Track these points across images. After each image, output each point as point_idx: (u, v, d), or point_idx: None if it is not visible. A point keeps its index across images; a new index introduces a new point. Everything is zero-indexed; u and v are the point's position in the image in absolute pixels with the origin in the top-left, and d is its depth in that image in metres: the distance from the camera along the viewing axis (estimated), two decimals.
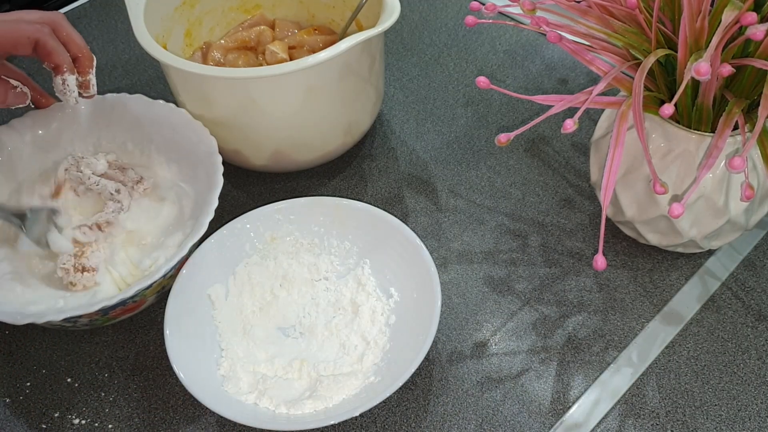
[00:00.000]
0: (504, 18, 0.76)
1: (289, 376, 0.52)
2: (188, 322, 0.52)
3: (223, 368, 0.52)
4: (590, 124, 0.68)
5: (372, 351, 0.52)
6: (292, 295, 0.56)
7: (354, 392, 0.50)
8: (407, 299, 0.54)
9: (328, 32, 0.70)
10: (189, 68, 0.55)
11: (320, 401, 0.49)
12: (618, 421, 0.50)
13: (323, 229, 0.58)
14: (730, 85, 0.47)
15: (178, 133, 0.60)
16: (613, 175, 0.43)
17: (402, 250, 0.55)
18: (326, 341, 0.54)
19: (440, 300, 0.50)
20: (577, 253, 0.60)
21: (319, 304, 0.56)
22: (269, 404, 0.49)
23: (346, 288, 0.56)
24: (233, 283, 0.56)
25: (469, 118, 0.72)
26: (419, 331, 0.50)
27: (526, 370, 0.53)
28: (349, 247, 0.58)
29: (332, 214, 0.58)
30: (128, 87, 0.76)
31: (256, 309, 0.56)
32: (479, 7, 0.50)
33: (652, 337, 0.54)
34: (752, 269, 0.58)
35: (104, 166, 0.59)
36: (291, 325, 0.55)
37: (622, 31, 0.47)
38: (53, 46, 0.52)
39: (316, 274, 0.57)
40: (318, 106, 0.59)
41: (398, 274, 0.55)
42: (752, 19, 0.38)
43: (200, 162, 0.57)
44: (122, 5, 0.60)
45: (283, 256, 0.58)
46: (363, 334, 0.53)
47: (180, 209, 0.58)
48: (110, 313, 0.52)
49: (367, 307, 0.55)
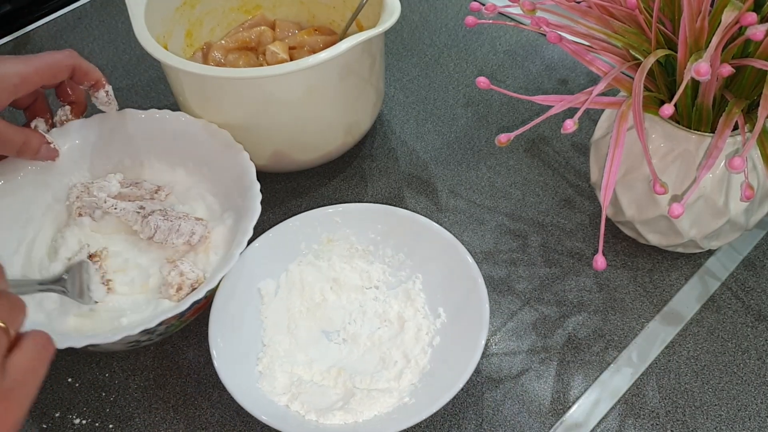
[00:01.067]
0: (504, 18, 0.76)
1: (324, 383, 0.51)
2: (235, 312, 0.52)
3: (262, 364, 0.51)
4: (590, 125, 0.68)
5: (411, 370, 0.51)
6: (340, 299, 0.56)
7: (386, 410, 0.49)
8: (453, 323, 0.52)
9: (328, 33, 0.70)
10: (190, 68, 0.55)
11: (351, 414, 0.48)
12: (618, 421, 0.50)
13: (380, 237, 0.57)
14: (730, 86, 0.47)
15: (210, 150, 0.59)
16: (613, 176, 0.43)
17: (458, 272, 0.53)
18: (367, 352, 0.53)
19: (486, 333, 0.49)
20: (577, 253, 0.60)
21: (365, 313, 0.55)
22: (300, 409, 0.49)
23: (395, 300, 0.55)
24: (285, 280, 0.56)
25: (469, 118, 0.72)
26: (460, 358, 0.49)
27: (526, 370, 0.53)
28: (403, 259, 0.57)
29: (391, 224, 0.56)
30: (129, 87, 0.76)
31: (304, 309, 0.55)
32: (479, 7, 0.50)
33: (652, 337, 0.54)
34: (752, 269, 0.58)
35: (117, 186, 0.57)
36: (335, 329, 0.55)
37: (622, 32, 0.47)
38: (87, 66, 0.56)
39: (367, 282, 0.57)
40: (318, 106, 0.59)
41: (449, 296, 0.54)
42: (752, 20, 0.38)
43: (234, 183, 0.57)
44: (123, 5, 0.60)
45: (337, 258, 0.57)
46: (405, 350, 0.52)
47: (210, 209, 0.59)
48: (185, 315, 0.51)
49: (413, 323, 0.54)
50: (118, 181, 0.58)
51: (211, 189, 0.59)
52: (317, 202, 0.65)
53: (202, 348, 0.55)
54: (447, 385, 0.47)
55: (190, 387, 0.53)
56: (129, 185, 0.58)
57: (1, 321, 0.35)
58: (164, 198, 0.58)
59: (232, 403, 0.52)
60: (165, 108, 0.60)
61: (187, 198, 0.59)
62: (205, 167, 0.60)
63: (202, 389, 0.53)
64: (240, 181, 0.56)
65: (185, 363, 0.55)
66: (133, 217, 0.55)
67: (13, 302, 0.37)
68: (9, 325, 0.36)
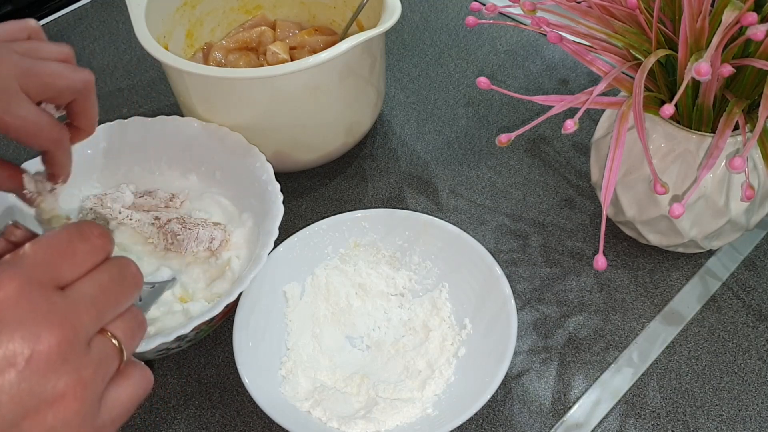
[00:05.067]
0: (504, 18, 0.76)
1: (347, 390, 0.51)
2: (259, 314, 0.52)
3: (285, 369, 0.51)
4: (591, 125, 0.68)
5: (435, 381, 0.50)
6: (366, 305, 0.56)
7: (409, 421, 0.48)
8: (480, 334, 0.52)
9: (329, 33, 0.70)
10: (190, 69, 0.55)
11: (373, 423, 0.48)
12: (619, 421, 0.50)
13: (407, 244, 0.57)
14: (730, 86, 0.47)
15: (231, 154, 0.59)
16: (613, 176, 0.43)
17: (487, 284, 0.52)
18: (391, 360, 0.53)
19: (514, 346, 0.48)
20: (577, 253, 0.60)
21: (390, 320, 0.55)
22: (322, 416, 0.48)
23: (420, 308, 0.55)
24: (310, 284, 0.56)
25: (469, 118, 0.72)
26: (486, 371, 0.48)
27: (526, 370, 0.53)
28: (429, 267, 0.56)
29: (420, 231, 0.56)
30: (129, 88, 0.76)
31: (329, 314, 0.55)
32: (480, 7, 0.50)
33: (652, 337, 0.54)
34: (753, 269, 0.58)
35: (131, 197, 0.57)
36: (359, 336, 0.54)
37: (622, 32, 0.47)
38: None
39: (393, 289, 0.56)
40: (319, 106, 0.59)
41: (476, 306, 0.53)
42: (753, 20, 0.38)
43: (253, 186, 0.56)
44: (123, 6, 0.60)
45: (363, 264, 0.57)
46: (429, 360, 0.52)
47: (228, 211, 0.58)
48: (215, 320, 0.51)
49: (438, 333, 0.53)
50: (131, 191, 0.58)
51: (225, 192, 0.59)
52: (318, 202, 0.65)
53: (202, 349, 0.55)
54: (471, 399, 0.47)
55: (191, 387, 0.54)
56: (143, 195, 0.58)
57: (119, 341, 0.30)
58: (179, 205, 0.58)
59: (232, 403, 0.52)
60: (165, 108, 0.60)
61: (202, 204, 0.59)
62: (218, 171, 0.59)
63: (203, 389, 0.53)
64: (257, 182, 0.56)
65: (185, 364, 0.55)
66: (149, 229, 0.55)
67: (140, 321, 0.31)
68: (126, 348, 0.30)
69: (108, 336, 0.29)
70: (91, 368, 0.28)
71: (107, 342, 0.29)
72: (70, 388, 0.27)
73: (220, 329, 0.55)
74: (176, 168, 0.61)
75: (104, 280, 0.29)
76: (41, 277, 0.28)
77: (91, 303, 0.28)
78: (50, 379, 0.26)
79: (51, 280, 0.28)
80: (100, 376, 0.28)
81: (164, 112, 0.61)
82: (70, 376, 0.27)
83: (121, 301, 0.30)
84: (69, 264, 0.29)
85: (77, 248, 0.29)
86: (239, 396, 0.52)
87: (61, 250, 0.29)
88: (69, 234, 0.29)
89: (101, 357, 0.29)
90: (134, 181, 0.60)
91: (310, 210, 0.64)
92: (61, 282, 0.28)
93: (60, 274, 0.28)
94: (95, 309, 0.29)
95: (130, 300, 0.31)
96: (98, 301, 0.29)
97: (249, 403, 0.50)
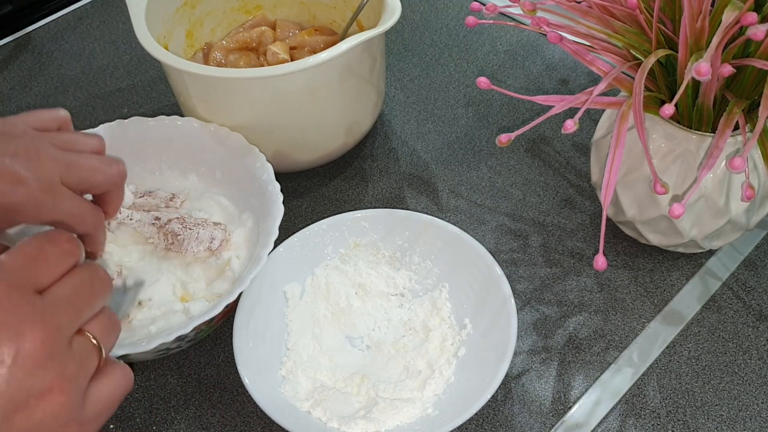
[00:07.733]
0: (504, 18, 0.76)
1: (347, 390, 0.51)
2: (259, 314, 0.52)
3: (285, 369, 0.51)
4: (591, 125, 0.68)
5: (435, 381, 0.50)
6: (366, 305, 0.55)
7: (409, 421, 0.48)
8: (480, 335, 0.52)
9: (329, 33, 0.70)
10: (190, 69, 0.55)
11: (373, 423, 0.48)
12: (619, 422, 0.50)
13: (407, 244, 0.57)
14: (730, 86, 0.47)
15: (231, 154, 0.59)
16: (613, 176, 0.43)
17: (487, 284, 0.53)
18: (391, 360, 0.53)
19: (514, 346, 0.48)
20: (577, 253, 0.60)
21: (390, 320, 0.55)
22: (322, 416, 0.48)
23: (420, 308, 0.55)
24: (310, 284, 0.56)
25: (469, 118, 0.72)
26: (486, 371, 0.48)
27: (526, 370, 0.53)
28: (429, 267, 0.56)
29: (420, 231, 0.56)
30: (129, 88, 0.76)
31: (329, 314, 0.55)
32: (480, 7, 0.50)
33: (652, 337, 0.54)
34: (753, 269, 0.58)
35: (131, 197, 0.57)
36: (359, 336, 0.54)
37: (622, 32, 0.47)
38: (122, 192, 0.43)
39: (393, 289, 0.56)
40: (319, 106, 0.59)
41: (476, 306, 0.53)
42: (753, 20, 0.38)
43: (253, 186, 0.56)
44: (123, 6, 0.60)
45: (363, 264, 0.57)
46: (429, 360, 0.52)
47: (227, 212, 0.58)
48: (215, 320, 0.50)
49: (438, 333, 0.53)
50: (131, 191, 0.58)
51: (225, 192, 0.59)
52: (318, 202, 0.65)
53: (202, 349, 0.55)
54: (471, 399, 0.47)
55: (191, 387, 0.54)
56: (143, 195, 0.58)
57: (97, 340, 0.32)
58: (179, 205, 0.58)
59: (232, 403, 0.52)
60: (165, 108, 0.60)
61: (202, 203, 0.59)
62: (218, 171, 0.60)
63: (203, 389, 0.53)
64: (257, 182, 0.56)
65: (185, 364, 0.55)
66: (149, 229, 0.55)
67: (113, 322, 0.34)
68: (103, 346, 0.32)
69: (87, 335, 0.32)
70: (74, 364, 0.30)
71: (87, 340, 0.32)
72: (56, 383, 0.29)
73: (220, 329, 0.55)
74: (176, 168, 0.61)
75: (77, 282, 0.32)
76: (20, 281, 0.30)
77: (68, 304, 0.31)
78: (37, 375, 0.29)
79: (29, 284, 0.30)
80: (82, 372, 0.31)
81: (164, 112, 0.61)
82: (56, 371, 0.29)
83: (95, 302, 0.33)
84: (44, 268, 0.31)
85: (49, 252, 0.32)
86: (239, 396, 0.53)
87: (34, 256, 0.31)
88: (39, 241, 0.32)
89: (82, 354, 0.31)
90: (134, 181, 0.60)
91: (310, 210, 0.64)
92: (39, 286, 0.31)
93: (36, 278, 0.31)
94: (72, 309, 0.31)
95: (102, 301, 0.33)
96: (74, 302, 0.31)
97: (249, 403, 0.50)
